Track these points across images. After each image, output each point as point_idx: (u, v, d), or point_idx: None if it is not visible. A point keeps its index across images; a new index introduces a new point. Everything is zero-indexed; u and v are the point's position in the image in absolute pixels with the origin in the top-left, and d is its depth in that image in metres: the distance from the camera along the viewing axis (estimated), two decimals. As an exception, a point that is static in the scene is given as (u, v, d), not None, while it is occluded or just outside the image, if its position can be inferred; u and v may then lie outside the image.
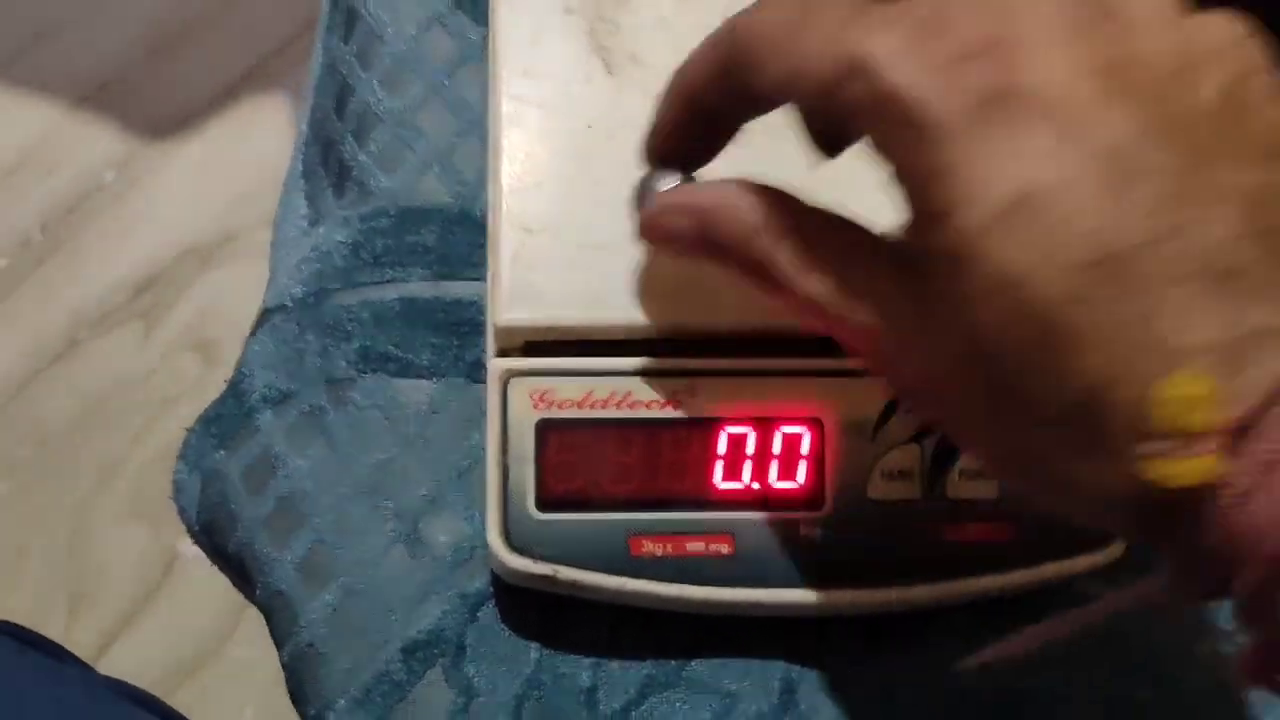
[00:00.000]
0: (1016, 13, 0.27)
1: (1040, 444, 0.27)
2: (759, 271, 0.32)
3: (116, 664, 1.04)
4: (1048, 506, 0.29)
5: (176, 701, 1.07)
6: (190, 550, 1.05)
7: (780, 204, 0.32)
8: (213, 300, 1.16)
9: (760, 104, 0.33)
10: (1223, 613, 0.41)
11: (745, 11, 0.32)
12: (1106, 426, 0.25)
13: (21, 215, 1.19)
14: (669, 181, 0.35)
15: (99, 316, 1.15)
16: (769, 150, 0.36)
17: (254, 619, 1.10)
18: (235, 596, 1.12)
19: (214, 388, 0.44)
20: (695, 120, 0.34)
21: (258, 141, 1.21)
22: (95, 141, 1.22)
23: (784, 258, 0.31)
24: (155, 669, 1.01)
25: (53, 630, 1.07)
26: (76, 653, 0.53)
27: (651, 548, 0.38)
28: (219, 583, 1.11)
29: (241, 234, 1.18)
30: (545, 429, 0.38)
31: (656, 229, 0.35)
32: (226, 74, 1.25)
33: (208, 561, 0.45)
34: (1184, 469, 0.25)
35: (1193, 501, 0.25)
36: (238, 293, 1.15)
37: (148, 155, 1.22)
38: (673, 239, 0.34)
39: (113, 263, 1.17)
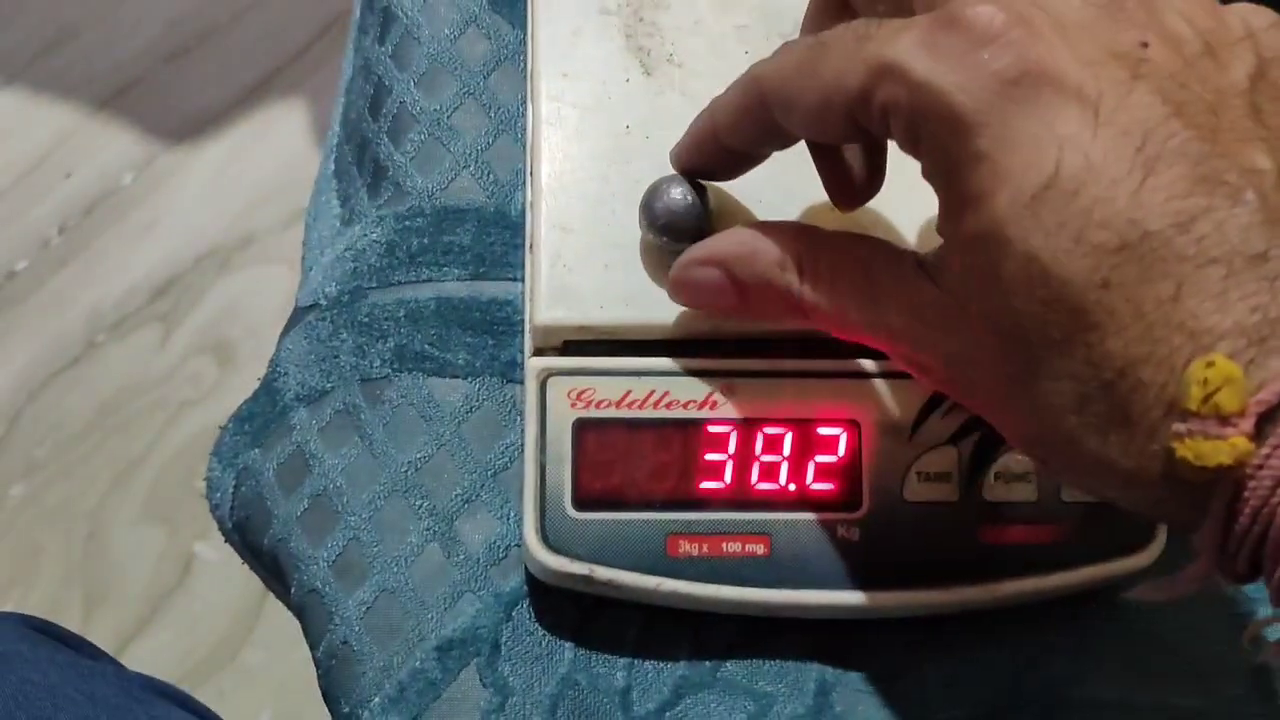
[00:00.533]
0: None
1: (1071, 424, 0.27)
2: (790, 304, 0.33)
3: (133, 665, 1.03)
4: (1081, 487, 0.29)
5: (193, 704, 1.06)
6: (207, 552, 1.05)
7: (798, 235, 0.33)
8: (231, 303, 1.17)
9: (789, 140, 0.34)
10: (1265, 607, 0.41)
11: (764, 61, 0.33)
12: (1136, 406, 0.25)
13: (40, 217, 1.19)
14: (678, 189, 0.36)
15: (117, 319, 1.15)
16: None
17: (270, 622, 1.10)
18: (252, 599, 1.13)
19: (232, 390, 0.44)
20: (722, 155, 0.35)
21: (276, 145, 1.22)
22: (114, 144, 1.22)
23: (809, 284, 0.32)
24: (171, 671, 1.01)
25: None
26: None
27: (688, 548, 0.38)
28: (235, 585, 1.11)
29: (260, 237, 1.18)
30: (583, 428, 0.38)
31: (686, 287, 0.36)
32: (245, 78, 1.25)
33: (224, 563, 0.45)
34: (1214, 449, 0.25)
35: (1223, 482, 0.25)
36: (256, 296, 1.15)
37: (166, 158, 1.22)
38: (703, 293, 0.35)
39: (131, 265, 1.17)
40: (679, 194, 0.37)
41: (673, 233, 0.37)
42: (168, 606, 1.04)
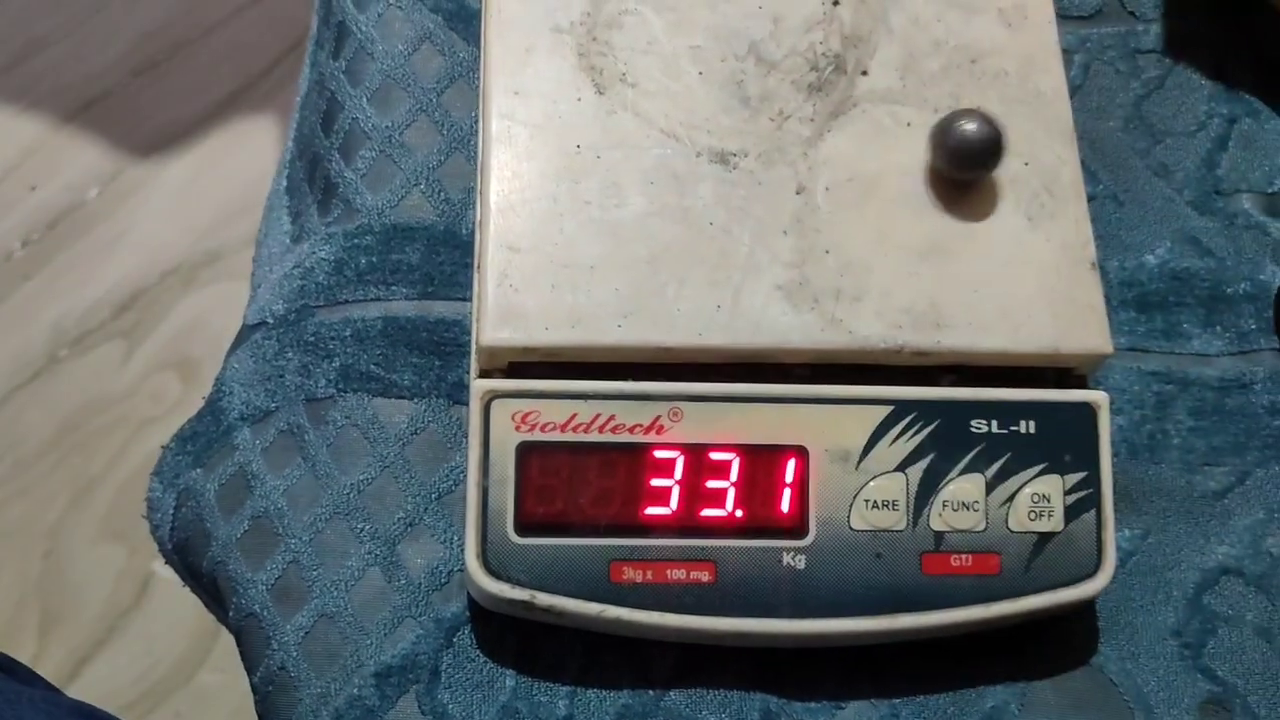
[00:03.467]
0: None
1: None
2: None
3: (88, 686, 1.02)
4: None
5: (148, 726, 1.05)
6: (166, 572, 1.04)
7: None
8: (195, 320, 1.15)
9: None
10: None
11: None
12: None
13: (3, 231, 1.18)
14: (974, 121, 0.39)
15: (79, 334, 1.14)
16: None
17: (228, 644, 1.08)
18: (210, 620, 1.11)
19: (194, 408, 0.44)
20: None
21: (243, 161, 1.21)
22: (80, 158, 1.21)
23: None
24: (128, 692, 1.00)
25: (24, 650, 1.06)
26: (47, 674, 0.52)
27: (632, 574, 0.37)
28: (194, 605, 1.10)
29: (225, 254, 1.17)
30: (527, 451, 0.37)
31: None
32: (213, 93, 1.24)
33: (182, 584, 0.44)
34: None
35: None
36: (221, 313, 1.14)
37: (132, 173, 1.21)
38: None
39: (95, 280, 1.16)
40: (974, 125, 0.38)
41: (963, 161, 0.38)
42: (125, 626, 1.03)
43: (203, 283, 1.17)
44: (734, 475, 0.38)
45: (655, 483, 0.38)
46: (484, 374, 0.38)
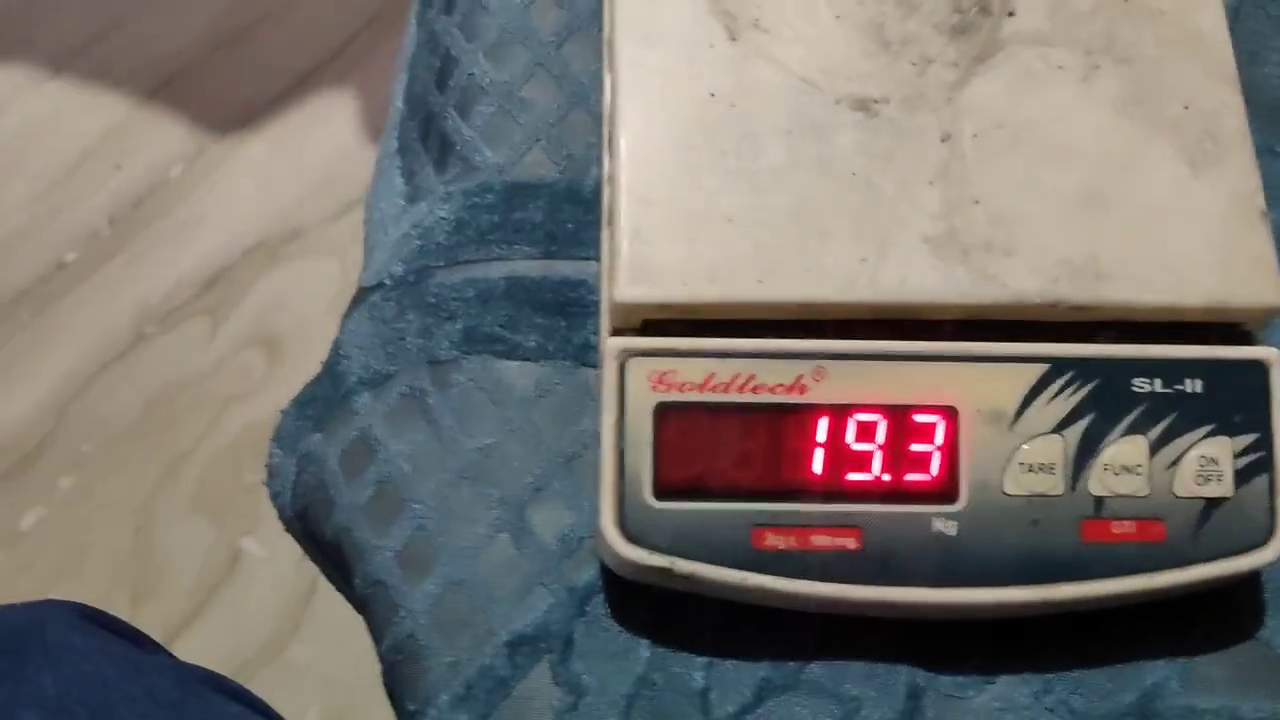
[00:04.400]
0: None
1: None
2: None
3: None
4: None
5: (239, 700, 1.05)
6: (254, 547, 1.04)
7: None
8: (279, 296, 1.15)
9: None
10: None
11: None
12: None
13: (89, 209, 1.18)
14: None
15: (165, 312, 1.14)
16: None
17: (317, 617, 1.09)
18: (299, 594, 1.11)
19: (280, 384, 0.43)
20: None
21: (324, 136, 1.20)
22: (162, 136, 1.21)
23: None
24: (219, 667, 0.99)
25: (115, 626, 1.07)
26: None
27: (775, 540, 0.36)
28: (283, 580, 1.10)
29: (308, 229, 1.17)
30: (664, 412, 0.36)
31: None
32: (292, 69, 1.24)
33: (271, 559, 0.43)
34: None
35: None
36: (304, 289, 1.14)
37: (214, 150, 1.21)
38: None
39: (179, 258, 1.16)
40: None
41: None
42: (215, 601, 1.03)
43: (285, 258, 1.16)
44: (881, 437, 0.36)
45: (798, 445, 0.36)
46: (617, 332, 0.36)
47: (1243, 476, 0.36)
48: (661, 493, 0.35)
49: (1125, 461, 0.36)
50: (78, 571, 1.04)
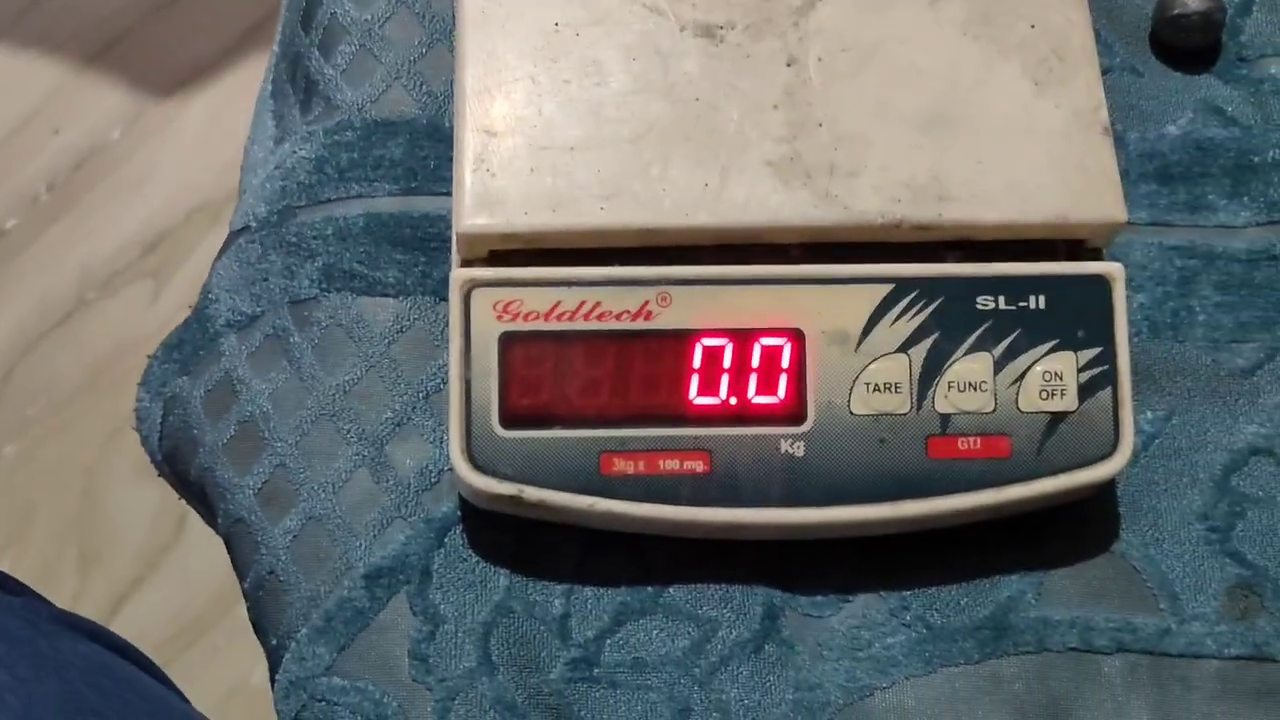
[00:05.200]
0: None
1: None
2: None
3: (128, 623, 1.03)
4: None
5: (188, 660, 1.06)
6: (200, 508, 1.04)
7: None
8: (222, 258, 1.15)
9: None
10: None
11: None
12: None
13: (29, 175, 1.18)
14: None
15: (108, 275, 1.14)
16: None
17: (264, 576, 1.08)
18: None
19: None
20: None
21: (264, 96, 1.20)
22: (100, 100, 1.21)
23: None
24: (167, 628, 1.01)
25: (64, 588, 1.07)
26: (86, 611, 0.52)
27: (623, 466, 0.36)
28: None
29: (249, 191, 1.17)
30: (510, 342, 0.36)
31: None
32: (232, 29, 1.23)
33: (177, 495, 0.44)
34: None
35: None
36: (245, 249, 1.14)
37: (154, 113, 1.20)
38: None
39: (121, 221, 1.16)
40: None
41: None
42: (163, 563, 1.04)
43: (228, 220, 1.16)
44: (727, 361, 0.36)
45: (644, 371, 0.36)
46: (464, 263, 0.37)
47: (1086, 390, 0.37)
48: (508, 421, 0.36)
49: (970, 378, 0.37)
50: (25, 536, 1.05)
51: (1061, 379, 0.37)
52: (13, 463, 1.07)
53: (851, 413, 0.36)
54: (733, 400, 0.36)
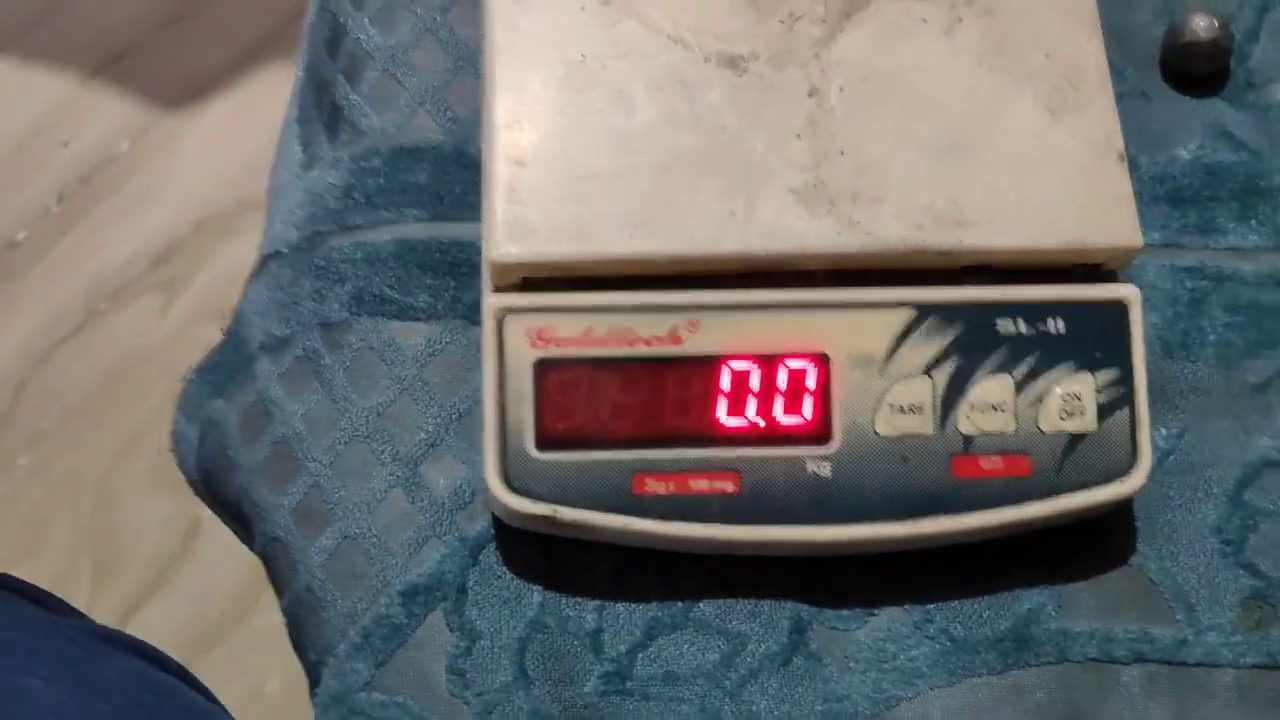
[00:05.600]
0: None
1: None
2: None
3: (140, 632, 1.03)
4: None
5: (201, 669, 1.07)
6: (214, 518, 1.05)
7: None
8: (233, 270, 1.16)
9: None
10: None
11: None
12: None
13: (39, 187, 1.19)
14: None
15: (118, 287, 1.15)
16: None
17: (277, 585, 1.09)
18: (259, 564, 1.12)
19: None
20: None
21: (273, 109, 1.19)
22: (110, 112, 1.21)
23: None
24: (179, 637, 1.01)
25: (77, 599, 1.07)
26: (100, 621, 0.53)
27: (655, 486, 0.37)
28: (243, 549, 1.11)
29: (259, 202, 1.17)
30: (544, 367, 0.37)
31: None
32: (240, 42, 1.24)
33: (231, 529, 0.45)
34: None
35: None
36: (255, 261, 1.14)
37: (164, 124, 1.21)
38: None
39: (131, 233, 1.17)
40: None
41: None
42: (176, 573, 1.05)
43: (238, 231, 1.17)
44: (755, 384, 0.37)
45: (675, 394, 0.37)
46: (496, 290, 0.38)
47: (1105, 411, 0.38)
48: (543, 444, 0.37)
49: (991, 400, 0.38)
50: (38, 548, 1.05)
51: (1080, 400, 0.38)
52: (27, 474, 1.08)
53: (876, 433, 0.37)
54: (761, 422, 0.37)
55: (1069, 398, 0.38)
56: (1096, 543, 0.40)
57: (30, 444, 1.10)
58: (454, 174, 0.42)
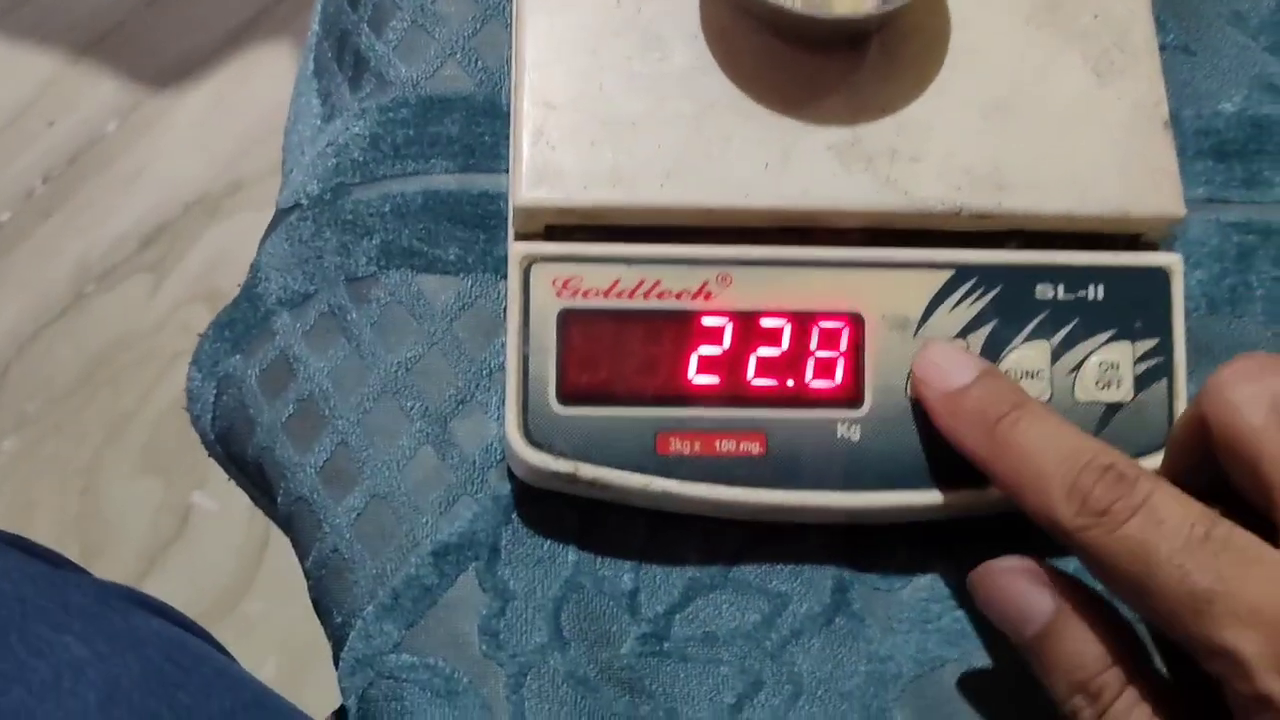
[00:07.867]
0: None
1: None
2: None
3: (130, 616, 1.02)
4: None
5: (192, 652, 1.05)
6: (205, 502, 1.04)
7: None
8: (221, 251, 1.15)
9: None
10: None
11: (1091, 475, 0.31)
12: None
13: (23, 168, 1.17)
14: None
15: (105, 269, 1.13)
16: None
17: (271, 571, 1.09)
18: (252, 548, 1.11)
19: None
20: None
21: (263, 88, 1.19)
22: (96, 91, 1.20)
23: None
24: (169, 621, 1.00)
25: (65, 585, 1.06)
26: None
27: (679, 446, 0.36)
28: (235, 535, 1.10)
29: (248, 183, 1.16)
30: (568, 318, 0.36)
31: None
32: (227, 21, 1.23)
33: (223, 513, 0.44)
34: None
35: None
36: (247, 243, 1.13)
37: (150, 105, 1.20)
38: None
39: (118, 214, 1.15)
40: None
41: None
42: (166, 559, 1.03)
43: (227, 212, 1.16)
44: (785, 343, 0.37)
45: (703, 351, 0.36)
46: (521, 237, 0.37)
47: (1142, 381, 0.37)
48: (565, 398, 0.36)
49: (1027, 366, 0.37)
50: (25, 532, 1.03)
51: (1118, 369, 0.37)
52: (12, 459, 1.06)
53: (909, 398, 0.37)
54: (790, 382, 0.36)
55: (1106, 366, 0.37)
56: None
57: (16, 428, 1.08)
58: (484, 125, 0.41)
